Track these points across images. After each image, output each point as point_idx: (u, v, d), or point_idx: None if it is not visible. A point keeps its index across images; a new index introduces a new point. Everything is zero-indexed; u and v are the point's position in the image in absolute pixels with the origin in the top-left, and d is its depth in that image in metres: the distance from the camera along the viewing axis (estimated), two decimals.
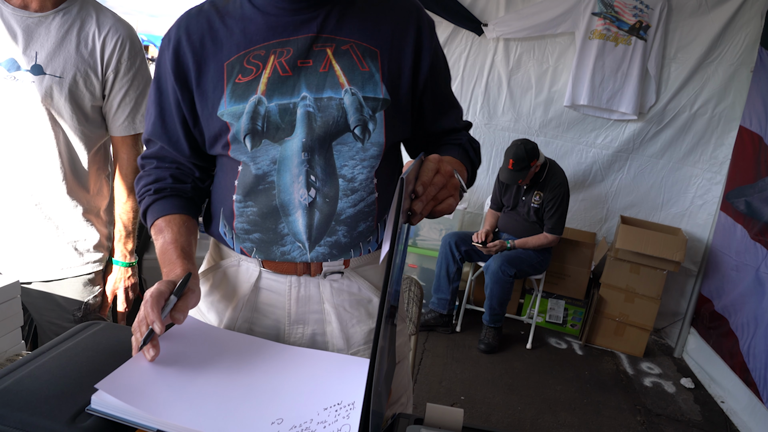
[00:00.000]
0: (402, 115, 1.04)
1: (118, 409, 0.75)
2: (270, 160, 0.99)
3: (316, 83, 0.98)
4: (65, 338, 0.94)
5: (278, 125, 0.97)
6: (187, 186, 1.09)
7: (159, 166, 1.09)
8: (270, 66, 0.98)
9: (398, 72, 1.02)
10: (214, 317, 1.11)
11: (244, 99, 0.97)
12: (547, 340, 3.84)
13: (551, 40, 3.90)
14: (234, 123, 0.98)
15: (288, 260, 1.04)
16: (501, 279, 3.43)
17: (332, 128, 0.98)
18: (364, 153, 1.01)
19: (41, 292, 1.57)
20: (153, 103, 1.06)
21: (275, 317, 1.09)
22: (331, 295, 1.08)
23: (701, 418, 3.11)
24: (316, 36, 0.98)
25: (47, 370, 0.83)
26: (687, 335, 3.83)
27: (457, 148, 1.10)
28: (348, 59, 0.99)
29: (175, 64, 1.01)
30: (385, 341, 0.74)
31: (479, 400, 2.98)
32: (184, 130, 1.05)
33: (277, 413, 0.79)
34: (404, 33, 1.03)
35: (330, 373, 0.91)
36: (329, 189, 1.00)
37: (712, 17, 3.60)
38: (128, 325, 1.14)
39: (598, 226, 4.14)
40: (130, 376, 0.82)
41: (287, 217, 1.01)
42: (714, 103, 3.73)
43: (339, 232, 1.03)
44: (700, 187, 3.87)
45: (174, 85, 1.01)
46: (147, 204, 1.07)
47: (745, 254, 3.29)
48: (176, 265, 0.96)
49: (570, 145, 4.01)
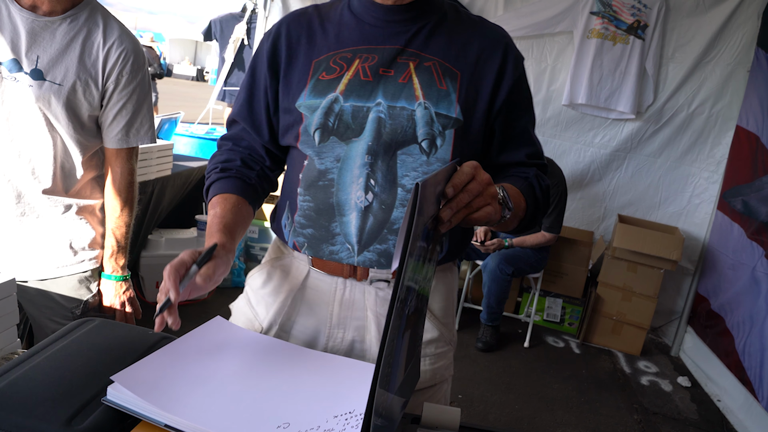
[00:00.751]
0: (472, 138, 1.04)
1: (131, 402, 0.77)
2: (334, 157, 1.02)
3: (392, 92, 1.00)
4: (59, 336, 0.94)
5: (348, 125, 1.01)
6: (252, 173, 1.11)
7: (233, 148, 1.13)
8: (354, 69, 1.02)
9: (475, 96, 1.03)
10: (262, 310, 1.14)
11: (322, 95, 1.02)
12: (545, 338, 3.85)
13: (550, 39, 3.90)
14: (308, 115, 1.02)
15: (335, 260, 1.05)
16: (499, 277, 3.44)
17: (399, 136, 1.00)
18: (428, 167, 1.01)
19: (39, 290, 1.57)
20: (245, 87, 1.12)
21: (318, 318, 1.10)
22: (375, 303, 1.08)
23: (698, 417, 3.11)
24: (403, 49, 1.02)
25: (42, 371, 0.82)
26: (684, 334, 3.84)
27: (522, 181, 1.06)
28: (428, 75, 1.01)
29: (271, 54, 1.07)
30: (399, 354, 0.72)
31: (477, 398, 2.98)
32: (266, 115, 1.10)
33: (285, 417, 0.79)
34: (489, 60, 1.04)
35: (348, 380, 0.90)
36: (387, 196, 1.00)
37: (710, 17, 3.60)
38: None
39: (596, 225, 4.14)
40: (146, 370, 0.83)
41: (341, 217, 1.02)
42: (711, 102, 3.73)
43: (390, 242, 1.02)
44: (698, 186, 3.87)
45: (266, 73, 1.07)
46: (212, 180, 1.10)
47: (741, 253, 3.30)
48: (213, 237, 0.96)
49: (568, 145, 4.01)
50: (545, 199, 1.10)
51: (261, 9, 4.14)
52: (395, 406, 0.77)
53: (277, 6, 4.00)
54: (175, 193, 3.45)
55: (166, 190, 3.30)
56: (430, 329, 1.13)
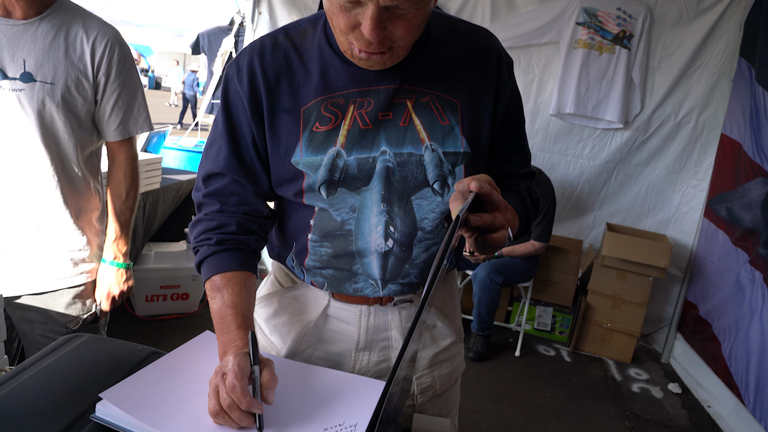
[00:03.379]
0: (481, 163, 1.03)
1: (120, 419, 0.77)
2: (349, 208, 0.98)
3: (396, 138, 0.96)
4: (48, 352, 0.93)
5: (356, 176, 0.96)
6: (251, 238, 1.01)
7: (223, 209, 1.00)
8: (350, 117, 0.95)
9: (478, 122, 1.00)
10: (277, 340, 1.11)
11: (321, 150, 0.95)
12: (536, 347, 3.85)
13: (536, 50, 3.94)
14: (310, 174, 0.95)
15: (360, 296, 1.05)
16: (489, 287, 3.45)
17: (411, 183, 0.97)
18: (444, 206, 0.99)
19: (33, 306, 1.55)
20: (222, 136, 0.98)
21: (342, 345, 1.09)
22: (400, 322, 1.08)
23: (688, 423, 3.13)
24: (398, 87, 0.95)
25: (30, 388, 0.82)
26: (674, 341, 3.86)
27: (514, 196, 1.06)
28: (428, 113, 0.97)
29: (251, 98, 0.95)
30: (403, 371, 0.73)
31: (468, 408, 2.98)
32: (261, 165, 0.99)
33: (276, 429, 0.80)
34: (484, 78, 1.00)
35: (338, 392, 0.91)
36: (407, 239, 0.99)
37: (693, 28, 3.66)
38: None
39: (585, 234, 4.17)
40: (135, 387, 0.83)
41: (362, 259, 1.01)
42: (698, 112, 3.78)
43: (411, 275, 1.03)
44: (685, 194, 3.91)
45: (250, 120, 0.96)
46: (205, 254, 0.98)
47: (726, 259, 3.34)
48: (236, 336, 0.89)
49: (557, 158, 4.04)
50: (535, 211, 1.12)
51: (249, 22, 4.15)
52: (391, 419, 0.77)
53: (264, 19, 4.02)
54: (165, 207, 3.44)
55: (157, 204, 3.29)
56: (448, 335, 1.15)
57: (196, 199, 1.03)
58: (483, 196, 0.82)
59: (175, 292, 3.47)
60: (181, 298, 3.50)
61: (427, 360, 1.12)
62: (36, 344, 1.59)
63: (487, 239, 0.83)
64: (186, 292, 3.49)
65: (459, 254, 1.18)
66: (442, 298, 1.15)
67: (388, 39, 0.83)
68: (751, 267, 3.04)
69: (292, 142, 0.96)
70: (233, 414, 0.78)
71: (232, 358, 0.82)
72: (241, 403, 0.77)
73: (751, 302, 2.98)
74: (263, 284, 1.19)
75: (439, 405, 1.15)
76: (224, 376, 0.80)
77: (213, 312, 0.94)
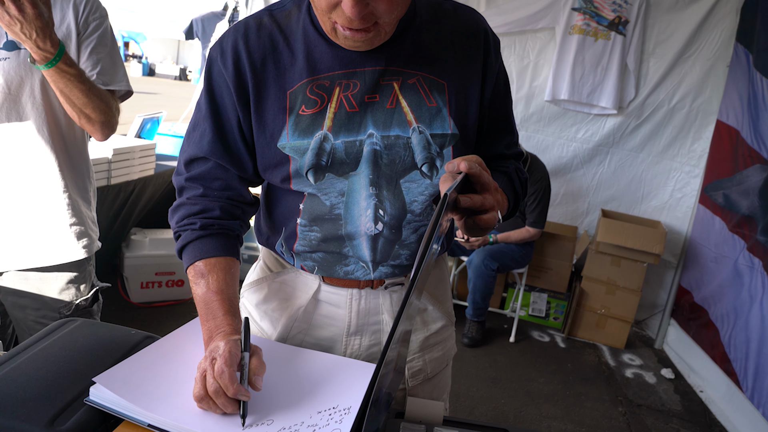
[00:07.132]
0: (469, 144, 1.02)
1: (114, 402, 0.77)
2: (338, 192, 0.97)
3: (383, 120, 0.95)
4: (41, 337, 0.93)
5: (343, 160, 0.95)
6: (236, 223, 1.00)
7: (206, 194, 0.98)
8: (336, 100, 0.93)
9: (465, 103, 0.99)
10: (267, 326, 1.10)
11: (308, 134, 0.94)
12: (530, 333, 3.87)
13: (532, 36, 3.92)
14: (297, 158, 0.94)
15: (351, 278, 1.04)
16: (484, 273, 3.46)
17: (399, 166, 0.96)
18: (434, 189, 0.98)
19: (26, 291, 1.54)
20: (206, 119, 0.97)
21: (333, 330, 1.09)
22: (391, 306, 1.08)
23: (681, 408, 3.16)
24: (384, 69, 0.94)
25: (23, 372, 0.82)
26: (667, 326, 3.89)
27: (503, 176, 1.05)
28: (415, 94, 0.95)
29: (236, 80, 0.94)
30: (395, 353, 0.73)
31: (463, 393, 3.00)
32: (246, 149, 0.98)
33: (268, 414, 0.80)
34: (471, 58, 0.99)
35: (331, 376, 0.91)
36: (396, 221, 0.99)
37: (689, 13, 3.65)
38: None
39: (580, 220, 4.18)
40: (129, 371, 0.83)
41: (351, 241, 1.00)
42: (692, 97, 3.78)
43: (402, 256, 1.02)
44: (679, 180, 3.92)
45: (235, 103, 0.95)
46: (188, 239, 0.97)
47: (723, 246, 3.35)
48: (223, 321, 0.88)
49: (551, 140, 4.04)
50: (524, 192, 1.11)
51: (243, 7, 4.11)
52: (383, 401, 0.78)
53: (258, 4, 3.98)
54: (159, 192, 3.42)
55: (149, 190, 3.27)
56: (438, 318, 1.15)
57: (177, 183, 1.02)
58: (473, 176, 0.81)
59: (170, 279, 3.47)
60: (176, 284, 3.50)
61: (418, 344, 1.12)
62: (29, 330, 1.58)
63: (477, 221, 0.83)
64: (181, 279, 3.49)
65: (450, 238, 1.17)
66: (433, 281, 1.15)
67: (372, 15, 0.81)
68: (749, 254, 3.05)
69: (278, 125, 0.94)
70: (218, 400, 0.77)
71: (223, 344, 0.81)
72: (228, 389, 0.76)
73: (750, 289, 3.00)
74: (252, 270, 1.18)
75: (430, 389, 1.15)
76: (213, 361, 0.79)
77: (197, 298, 0.93)
